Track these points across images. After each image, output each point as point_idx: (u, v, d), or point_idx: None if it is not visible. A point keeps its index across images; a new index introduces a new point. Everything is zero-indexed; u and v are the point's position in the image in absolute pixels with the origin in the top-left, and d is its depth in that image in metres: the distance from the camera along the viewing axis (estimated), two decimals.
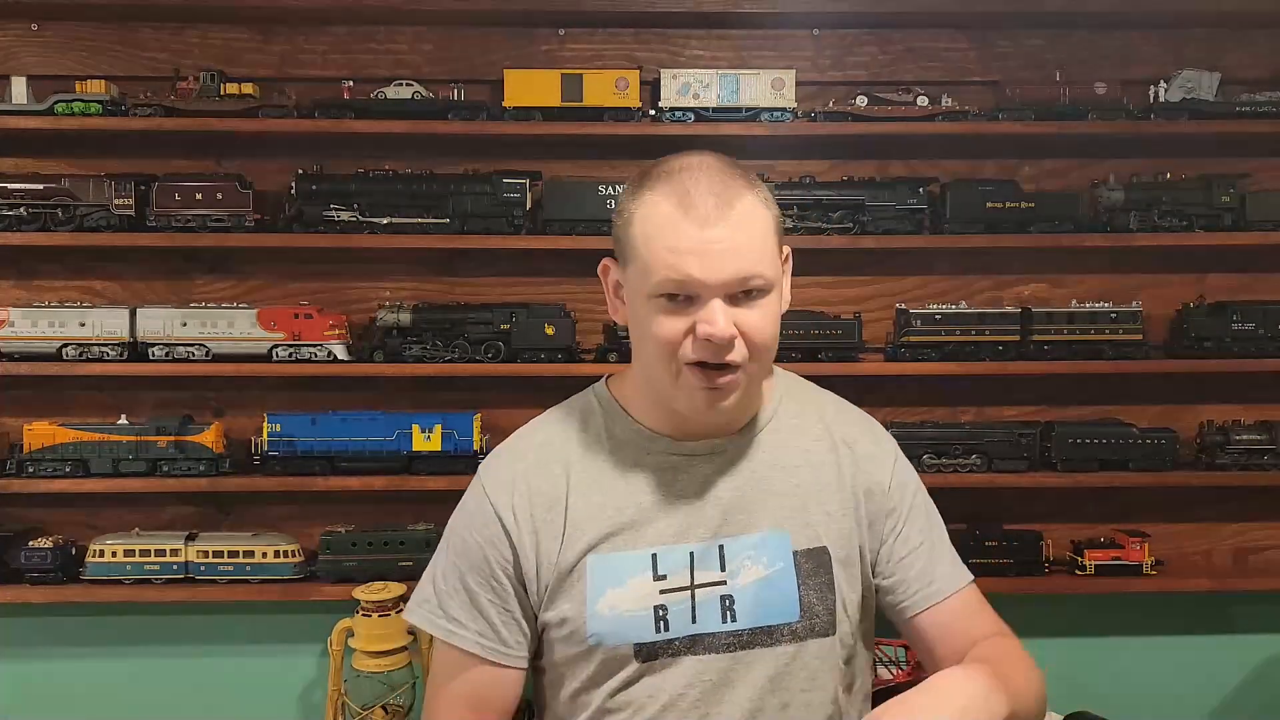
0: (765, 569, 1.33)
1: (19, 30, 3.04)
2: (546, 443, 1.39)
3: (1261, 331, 3.02)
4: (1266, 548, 3.24)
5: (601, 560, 1.31)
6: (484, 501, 1.35)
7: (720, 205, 1.22)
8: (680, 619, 1.30)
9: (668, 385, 1.28)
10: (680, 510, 1.34)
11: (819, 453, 1.41)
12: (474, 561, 1.34)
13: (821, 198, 3.00)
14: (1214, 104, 3.03)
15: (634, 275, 1.27)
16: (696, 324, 1.22)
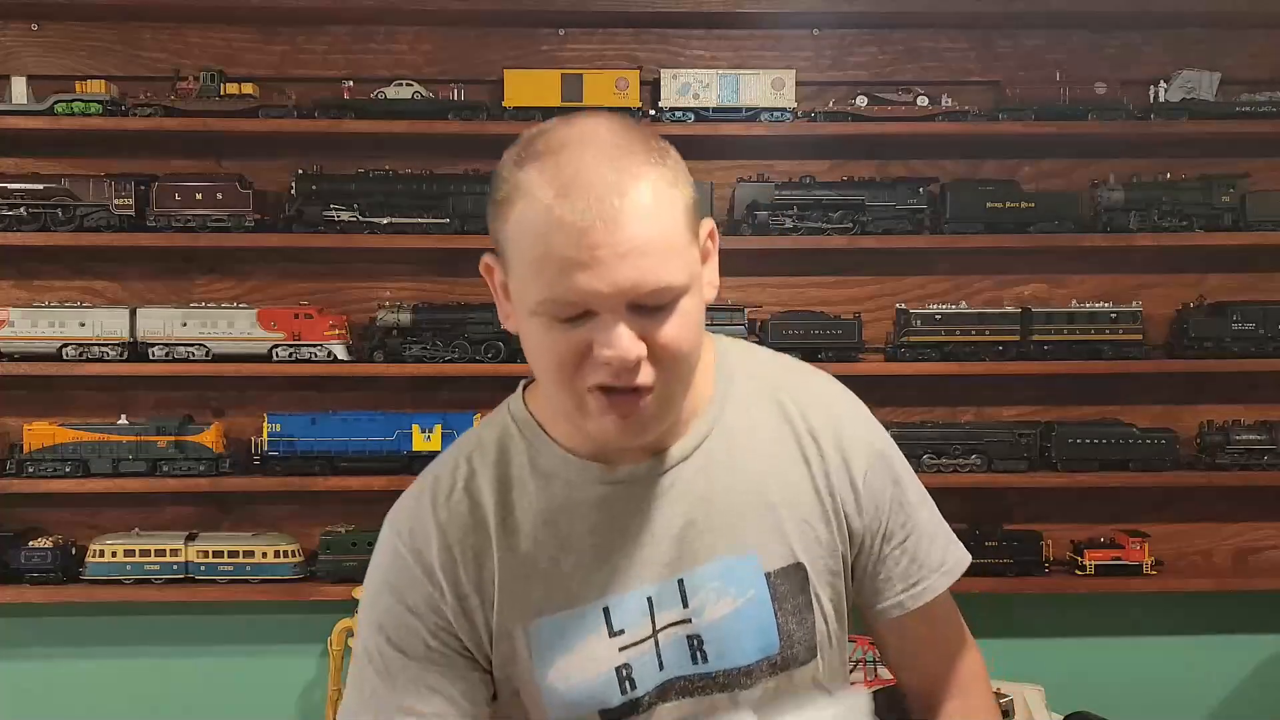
0: (735, 599, 1.12)
1: (19, 30, 3.04)
2: (463, 488, 1.12)
3: (1261, 331, 3.02)
4: (1266, 548, 3.24)
5: (542, 627, 1.09)
6: (405, 559, 1.10)
7: (612, 194, 0.96)
8: (646, 670, 1.10)
9: (571, 411, 1.04)
10: (626, 550, 1.10)
11: (783, 451, 1.16)
12: (407, 634, 1.09)
13: (821, 198, 3.00)
14: (1214, 104, 3.04)
15: (515, 283, 1.01)
16: (593, 344, 0.98)
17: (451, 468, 1.14)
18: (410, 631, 1.09)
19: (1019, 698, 2.52)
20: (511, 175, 1.01)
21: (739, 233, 2.99)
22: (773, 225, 2.96)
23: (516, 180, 1.00)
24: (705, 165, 3.10)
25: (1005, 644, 2.88)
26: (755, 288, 3.13)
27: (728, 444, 1.13)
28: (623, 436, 1.03)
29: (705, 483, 1.12)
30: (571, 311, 0.97)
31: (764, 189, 3.01)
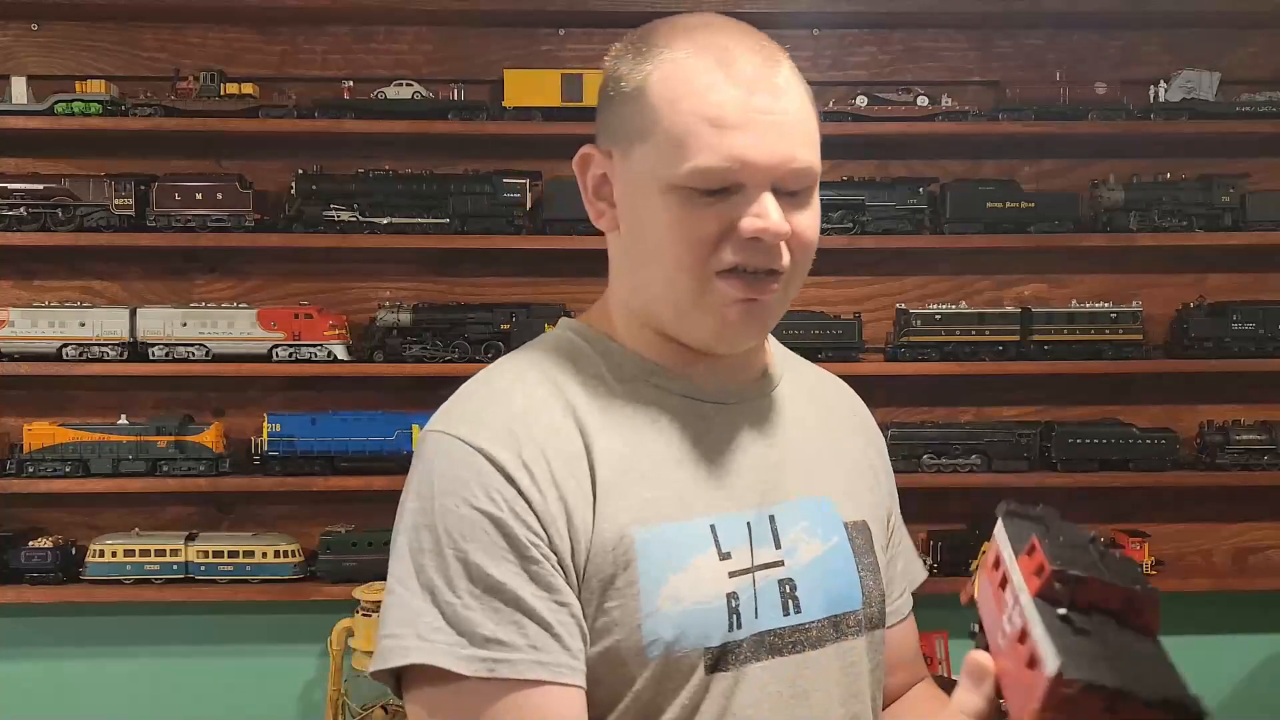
0: (822, 543, 1.05)
1: (19, 30, 3.04)
2: (536, 381, 1.00)
3: (1261, 331, 3.02)
4: (1266, 548, 3.24)
5: (653, 535, 0.95)
6: (476, 459, 0.93)
7: (767, 65, 0.97)
8: (747, 609, 0.98)
9: (688, 303, 0.97)
10: (723, 469, 1.02)
11: (844, 414, 1.18)
12: (492, 541, 0.91)
13: (821, 198, 2.99)
14: (1214, 104, 3.03)
15: (647, 160, 0.95)
16: (740, 220, 0.94)
17: (515, 370, 1.02)
18: (503, 537, 0.91)
19: None
20: (646, 52, 0.98)
21: None
22: None
23: (657, 54, 0.97)
24: None
25: None
26: None
27: (801, 391, 1.13)
28: (747, 328, 0.99)
29: (783, 423, 1.09)
30: (721, 181, 0.93)
31: None
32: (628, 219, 1.01)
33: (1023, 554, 0.67)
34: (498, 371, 1.03)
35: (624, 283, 1.05)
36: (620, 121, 0.99)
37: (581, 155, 1.04)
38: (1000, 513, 0.75)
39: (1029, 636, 0.60)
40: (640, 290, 1.02)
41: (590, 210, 1.05)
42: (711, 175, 0.93)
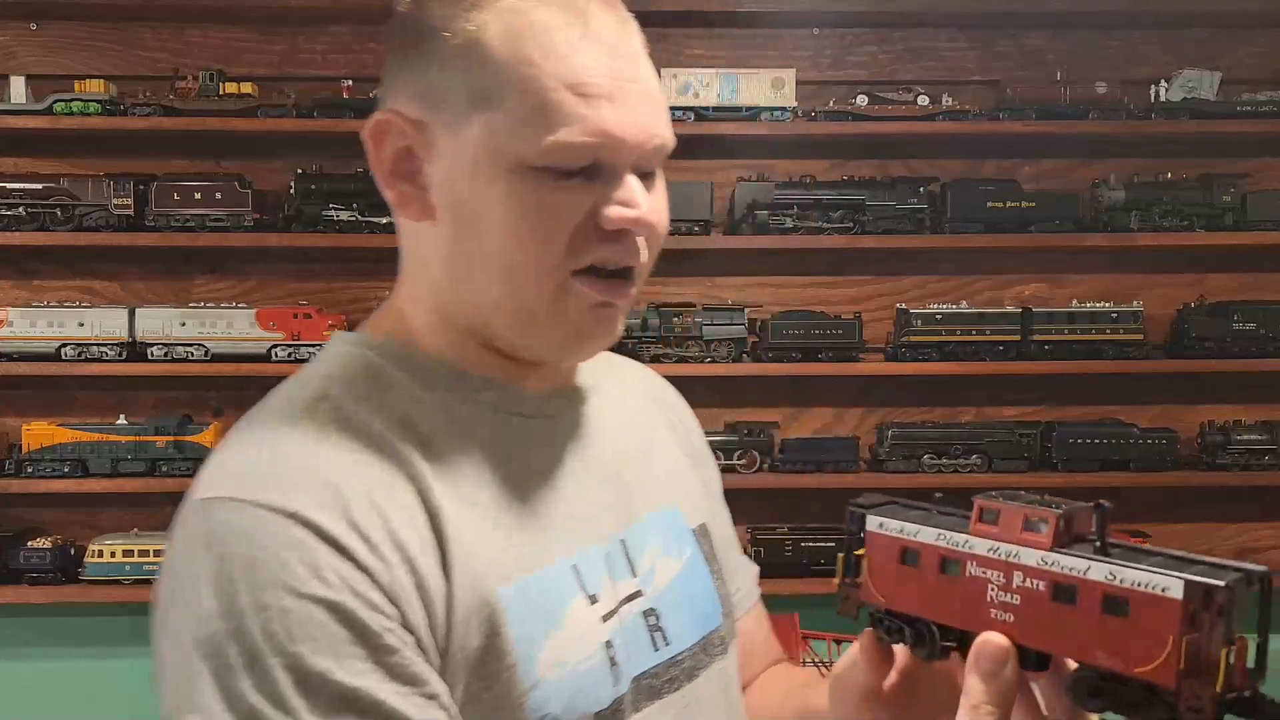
0: (677, 561, 0.92)
1: (18, 29, 3.03)
2: (335, 418, 0.79)
3: (1262, 331, 3.01)
4: (1267, 548, 3.24)
5: (518, 591, 0.78)
6: (293, 530, 0.71)
7: (622, 24, 0.81)
8: (621, 655, 0.84)
9: (541, 309, 0.81)
10: (570, 496, 0.86)
11: (653, 413, 1.03)
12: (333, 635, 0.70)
13: (821, 197, 2.99)
14: (1215, 104, 3.03)
15: (490, 133, 0.77)
16: (604, 209, 0.79)
17: (302, 408, 0.79)
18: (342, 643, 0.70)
19: None
20: (466, 5, 0.79)
21: (739, 232, 2.99)
22: (773, 225, 2.96)
23: (487, 5, 0.78)
24: (705, 165, 3.09)
25: None
26: (755, 287, 3.13)
27: (609, 388, 0.97)
28: (603, 337, 0.85)
29: (611, 424, 0.94)
30: (585, 160, 0.78)
31: (764, 188, 3.01)
32: (453, 205, 0.80)
33: (975, 523, 0.64)
34: (278, 413, 0.80)
35: (437, 283, 0.85)
36: (443, 82, 0.79)
37: (376, 124, 0.82)
38: (867, 512, 0.71)
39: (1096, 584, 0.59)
40: (469, 293, 0.83)
41: (388, 194, 0.83)
42: (576, 153, 0.77)
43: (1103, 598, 0.59)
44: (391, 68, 0.83)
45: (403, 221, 0.86)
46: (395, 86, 0.83)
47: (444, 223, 0.82)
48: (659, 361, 2.95)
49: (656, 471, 0.97)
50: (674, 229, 2.97)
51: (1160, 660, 0.57)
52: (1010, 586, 0.63)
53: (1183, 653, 0.57)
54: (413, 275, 0.88)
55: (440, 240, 0.82)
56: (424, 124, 0.80)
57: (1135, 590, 0.58)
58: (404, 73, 0.82)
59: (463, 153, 0.79)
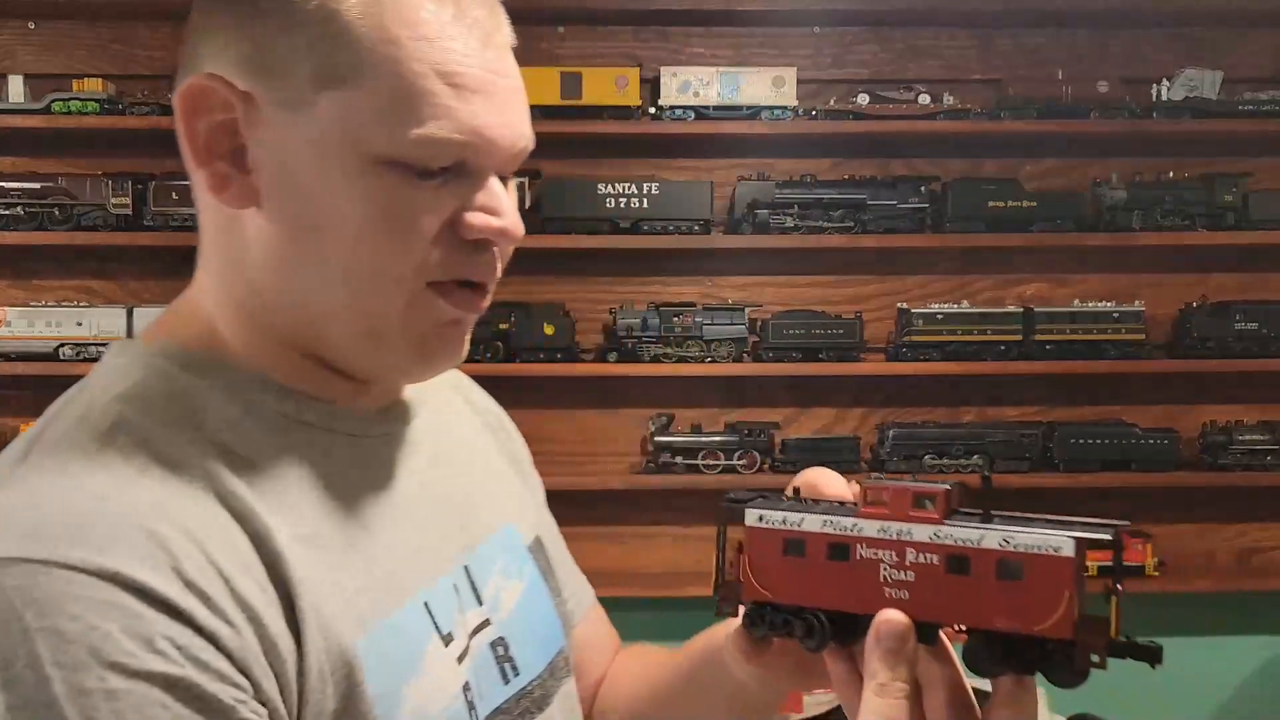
0: (520, 582, 0.86)
1: (16, 29, 3.02)
2: (139, 449, 0.66)
3: (1264, 331, 3.00)
4: (1269, 548, 3.23)
5: (374, 641, 0.70)
6: (111, 594, 0.59)
7: (491, 13, 0.75)
8: (477, 698, 0.77)
9: (391, 321, 0.72)
10: (412, 524, 0.78)
11: (470, 418, 0.95)
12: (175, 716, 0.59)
13: (822, 196, 2.98)
14: (1216, 103, 3.02)
15: (345, 116, 0.68)
16: (467, 215, 0.71)
17: (93, 440, 0.65)
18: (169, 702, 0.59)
19: None
20: None
21: (739, 231, 2.98)
22: (773, 224, 2.95)
23: None
24: (705, 164, 3.09)
25: None
26: (756, 287, 3.12)
27: (436, 405, 0.88)
28: (450, 358, 0.76)
29: (443, 440, 0.86)
30: (450, 158, 0.69)
31: (765, 188, 3.00)
32: (287, 195, 0.70)
33: (864, 506, 0.65)
34: (67, 447, 0.65)
35: (255, 283, 0.73)
36: (283, 51, 0.67)
37: (191, 89, 0.69)
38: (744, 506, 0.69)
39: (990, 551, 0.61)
40: (300, 296, 0.72)
41: (200, 173, 0.70)
42: (445, 150, 0.68)
43: (997, 563, 0.61)
44: (209, 25, 0.70)
45: (212, 208, 0.73)
46: (214, 47, 0.69)
47: (272, 213, 0.70)
48: (659, 361, 2.94)
49: (490, 488, 0.89)
50: (674, 228, 2.99)
51: (1058, 615, 0.60)
52: (903, 564, 0.63)
53: (1077, 606, 0.60)
54: (221, 271, 0.74)
55: (265, 233, 0.71)
56: (252, 96, 0.68)
57: (1029, 553, 0.60)
58: (229, 33, 0.69)
59: (305, 136, 0.68)
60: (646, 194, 2.94)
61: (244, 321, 0.74)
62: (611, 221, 2.94)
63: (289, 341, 0.74)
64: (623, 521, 3.12)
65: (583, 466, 3.08)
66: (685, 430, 3.01)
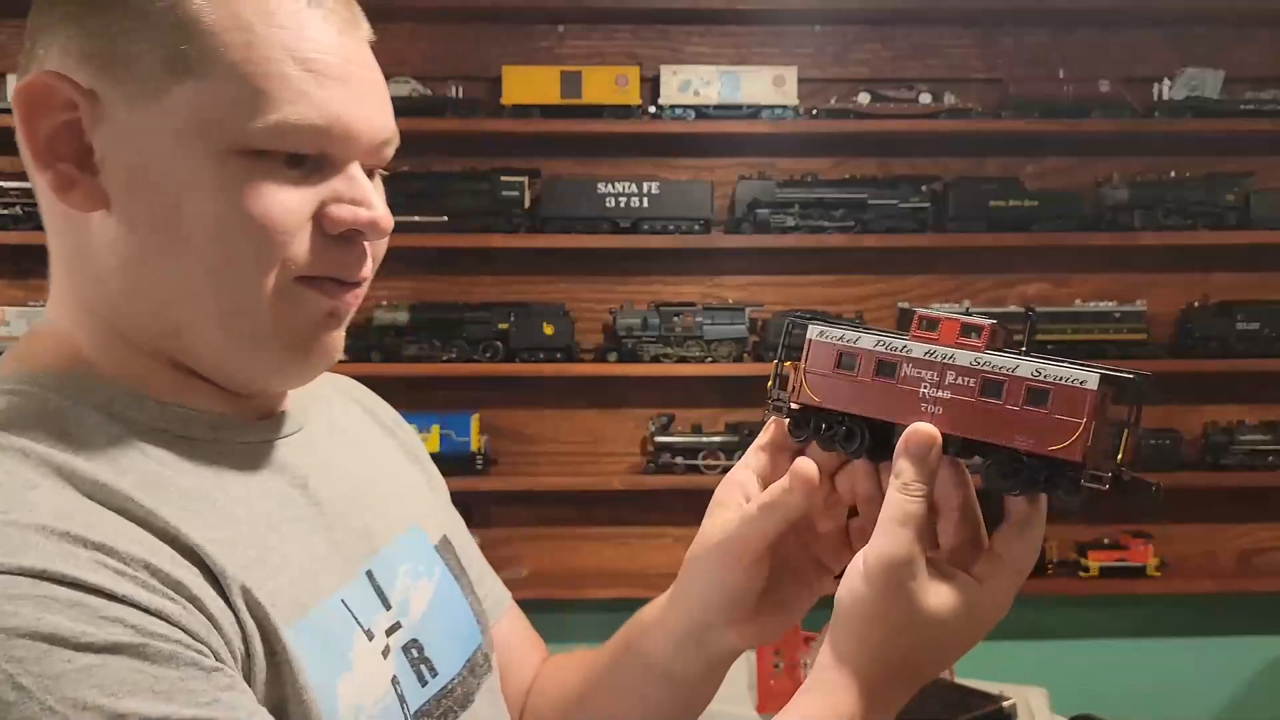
0: (430, 582, 0.85)
1: (14, 28, 3.01)
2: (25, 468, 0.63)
3: (1267, 331, 3.00)
4: (1271, 549, 3.22)
5: (303, 632, 0.68)
6: (44, 588, 0.57)
7: (352, 8, 0.73)
8: (405, 694, 0.77)
9: (262, 321, 0.69)
10: (316, 525, 0.76)
11: (360, 419, 0.94)
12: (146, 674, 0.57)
13: (823, 196, 2.97)
14: (1218, 102, 3.01)
15: (197, 107, 0.65)
16: (329, 206, 0.70)
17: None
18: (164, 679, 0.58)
19: (1022, 700, 2.50)
20: None
21: (740, 231, 2.98)
22: (774, 223, 2.94)
23: None
24: (706, 163, 3.08)
25: (1008, 646, 2.86)
26: (756, 286, 3.11)
27: (324, 408, 0.86)
28: (329, 354, 0.74)
29: (337, 441, 0.85)
30: (312, 146, 0.67)
31: (765, 187, 2.99)
32: (138, 193, 0.67)
33: (915, 330, 0.72)
34: None
35: (110, 290, 0.69)
36: (127, 45, 0.65)
37: (31, 87, 0.66)
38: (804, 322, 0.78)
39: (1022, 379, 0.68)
40: (159, 301, 0.69)
41: (43, 176, 0.67)
42: (304, 137, 0.67)
43: (1026, 390, 0.68)
44: (48, 22, 0.68)
45: (58, 214, 0.69)
46: (53, 44, 0.67)
47: (123, 215, 0.67)
48: (659, 361, 2.93)
49: (388, 489, 0.87)
50: (675, 228, 2.98)
51: (1072, 439, 0.66)
52: (942, 384, 0.71)
53: (1091, 432, 0.65)
54: (72, 282, 0.71)
55: (117, 237, 0.67)
56: (96, 94, 0.66)
57: (1056, 384, 0.67)
58: (68, 28, 0.66)
59: (155, 130, 0.65)
60: (646, 193, 2.93)
61: (105, 335, 0.71)
62: (611, 221, 2.93)
63: (155, 352, 0.71)
64: (623, 522, 3.12)
65: (583, 467, 3.07)
66: (685, 430, 3.00)
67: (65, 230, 0.70)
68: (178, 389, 0.72)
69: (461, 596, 0.87)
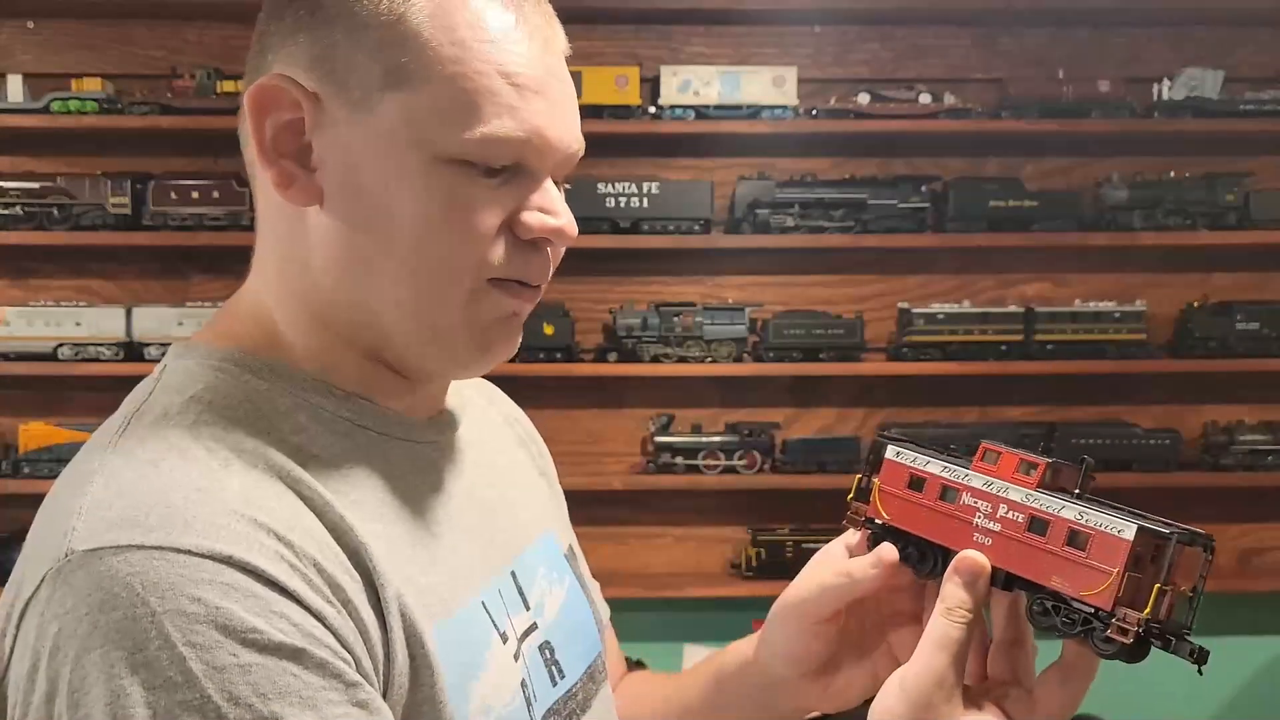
0: (562, 589, 0.89)
1: (15, 28, 3.02)
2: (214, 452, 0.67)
3: (1266, 331, 3.00)
4: (1271, 549, 3.22)
5: (445, 635, 0.72)
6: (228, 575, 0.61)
7: (550, 18, 0.77)
8: (532, 698, 0.80)
9: (453, 317, 0.74)
10: (466, 527, 0.80)
11: (503, 429, 0.98)
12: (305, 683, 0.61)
13: (823, 196, 2.98)
14: (1218, 102, 3.01)
15: (410, 116, 0.69)
16: (523, 214, 0.73)
17: (170, 442, 0.67)
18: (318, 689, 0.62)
19: None
20: None
21: (740, 231, 2.98)
22: (774, 224, 2.94)
23: None
24: (705, 163, 3.08)
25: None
26: (756, 287, 3.11)
27: (475, 415, 0.91)
28: (506, 351, 0.79)
29: (487, 448, 0.89)
30: (513, 158, 0.71)
31: (765, 187, 2.99)
32: (352, 193, 0.71)
33: (977, 461, 0.76)
34: (151, 444, 0.67)
35: (318, 280, 0.74)
36: (351, 54, 0.69)
37: (262, 89, 0.71)
38: (889, 442, 0.83)
39: (1065, 520, 0.70)
40: (363, 293, 0.73)
41: (267, 171, 0.72)
42: (506, 148, 0.70)
43: (1068, 532, 0.70)
44: (278, 29, 0.72)
45: (275, 206, 0.74)
46: (283, 51, 0.71)
47: (336, 211, 0.72)
48: (659, 361, 2.93)
49: (527, 497, 0.92)
50: (674, 228, 2.98)
51: (1104, 587, 0.67)
52: (995, 516, 0.74)
53: (1123, 583, 0.67)
54: (281, 270, 0.76)
55: (329, 230, 0.72)
56: (319, 97, 0.70)
57: (1096, 529, 0.68)
58: (298, 36, 0.71)
59: (370, 135, 0.70)
60: (646, 193, 2.93)
61: (306, 320, 0.75)
62: (611, 221, 2.93)
63: (350, 340, 0.76)
64: (623, 522, 3.12)
65: (583, 467, 3.07)
66: (685, 430, 3.00)
67: (280, 221, 0.75)
68: (361, 379, 0.76)
69: (587, 605, 0.92)
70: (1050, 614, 0.70)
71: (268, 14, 0.74)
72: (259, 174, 0.74)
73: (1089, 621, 0.68)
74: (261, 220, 0.77)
